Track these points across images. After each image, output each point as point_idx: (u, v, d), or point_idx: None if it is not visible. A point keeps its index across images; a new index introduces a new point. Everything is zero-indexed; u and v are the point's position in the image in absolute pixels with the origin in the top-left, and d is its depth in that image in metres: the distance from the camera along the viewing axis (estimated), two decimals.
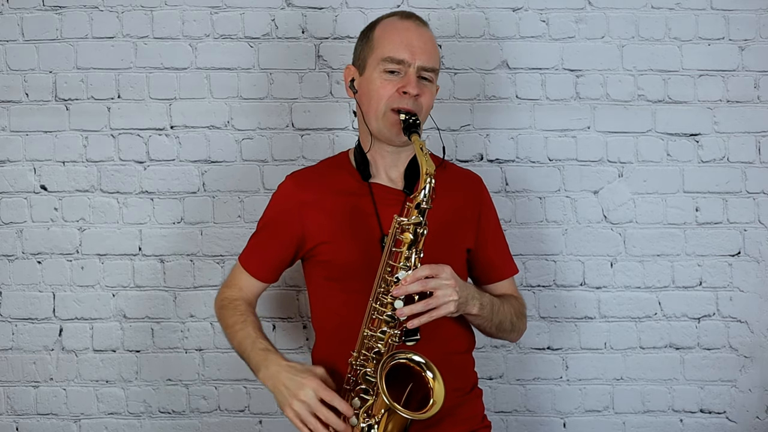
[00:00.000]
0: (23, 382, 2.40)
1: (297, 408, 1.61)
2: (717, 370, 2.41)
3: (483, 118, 2.41)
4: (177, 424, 2.40)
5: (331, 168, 1.95)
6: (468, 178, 2.00)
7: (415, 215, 1.64)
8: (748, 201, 2.41)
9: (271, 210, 1.94)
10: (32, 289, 2.39)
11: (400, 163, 1.88)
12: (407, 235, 1.64)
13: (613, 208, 2.41)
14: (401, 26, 1.82)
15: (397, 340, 1.65)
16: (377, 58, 1.80)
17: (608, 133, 2.41)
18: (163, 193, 2.39)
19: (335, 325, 1.84)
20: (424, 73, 1.80)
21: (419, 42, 1.79)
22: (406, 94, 1.77)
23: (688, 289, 2.41)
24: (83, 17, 2.38)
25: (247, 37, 2.39)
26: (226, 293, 1.96)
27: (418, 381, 1.65)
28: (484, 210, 1.97)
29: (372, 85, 1.80)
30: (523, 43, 2.41)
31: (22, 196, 2.39)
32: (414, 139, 1.70)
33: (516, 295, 2.00)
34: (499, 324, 1.86)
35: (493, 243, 1.98)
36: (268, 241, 1.93)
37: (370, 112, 1.82)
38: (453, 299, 1.64)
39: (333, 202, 1.86)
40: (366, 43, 1.85)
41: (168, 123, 2.40)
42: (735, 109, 2.41)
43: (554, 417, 2.42)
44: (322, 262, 1.86)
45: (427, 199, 1.64)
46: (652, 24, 2.40)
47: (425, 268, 1.64)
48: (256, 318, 1.90)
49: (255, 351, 1.75)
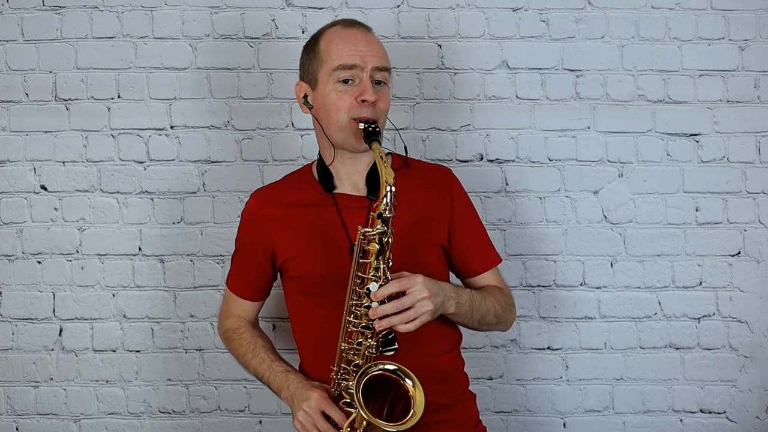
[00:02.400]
0: (23, 382, 2.40)
1: (301, 418, 1.69)
2: (717, 370, 2.41)
3: (483, 118, 2.41)
4: (177, 424, 2.40)
5: (293, 182, 1.95)
6: (436, 172, 1.96)
7: (379, 224, 1.63)
8: (748, 201, 2.41)
9: (242, 230, 1.95)
10: (32, 289, 2.39)
11: (362, 169, 1.87)
12: (373, 245, 1.63)
13: (613, 208, 2.41)
14: (346, 34, 1.81)
15: (374, 351, 1.65)
16: (328, 70, 1.78)
17: (608, 133, 2.41)
18: (163, 193, 2.39)
19: (315, 339, 1.84)
20: (377, 74, 1.79)
21: (367, 46, 1.79)
22: (364, 102, 1.76)
23: (688, 289, 2.41)
24: (83, 17, 2.38)
25: (247, 37, 2.39)
26: (227, 324, 2.00)
27: (399, 389, 1.64)
28: (456, 202, 1.91)
29: (328, 99, 1.79)
30: (523, 43, 2.41)
31: (22, 196, 2.39)
32: (374, 147, 1.68)
33: (501, 286, 1.95)
34: (481, 319, 1.83)
35: (469, 235, 1.93)
36: (246, 262, 1.94)
37: (330, 125, 1.80)
38: (428, 309, 1.64)
39: (298, 216, 1.86)
40: (313, 58, 1.83)
41: (168, 123, 2.40)
42: (735, 109, 2.41)
43: (554, 417, 2.42)
44: (295, 278, 1.86)
45: (389, 207, 1.62)
46: (652, 24, 2.40)
47: (395, 284, 1.63)
48: (265, 340, 1.94)
49: (274, 374, 1.83)
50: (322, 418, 1.66)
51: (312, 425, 1.67)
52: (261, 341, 1.92)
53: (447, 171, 1.97)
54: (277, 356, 1.88)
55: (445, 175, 1.95)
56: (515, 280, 2.39)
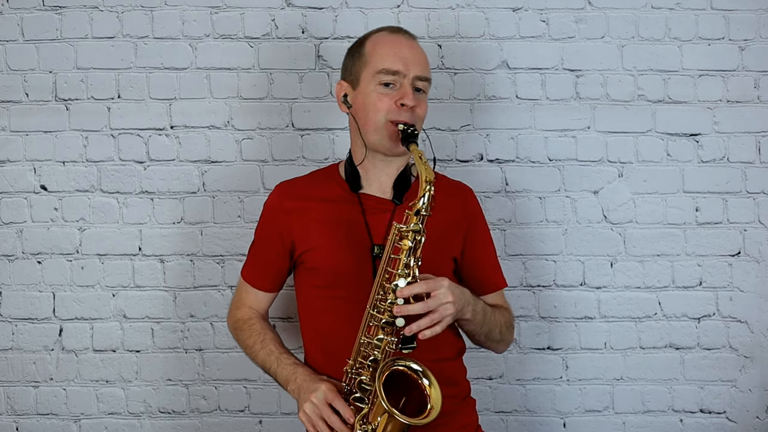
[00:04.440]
0: (23, 382, 2.40)
1: (308, 409, 1.69)
2: (717, 370, 2.41)
3: (483, 118, 2.41)
4: (177, 424, 2.40)
5: (319, 178, 1.98)
6: (459, 190, 2.00)
7: (414, 222, 1.65)
8: (748, 201, 2.41)
9: (262, 221, 1.98)
10: (32, 289, 2.39)
11: (391, 173, 1.89)
12: (406, 242, 1.65)
13: (613, 208, 2.41)
14: (392, 40, 1.85)
15: (394, 347, 1.66)
16: (371, 72, 1.82)
17: (608, 133, 2.41)
18: (163, 193, 2.39)
19: (322, 333, 1.85)
20: (418, 83, 1.82)
21: (411, 54, 1.83)
22: (403, 106, 1.79)
23: (688, 289, 2.41)
24: (83, 17, 2.38)
25: (247, 37, 2.39)
26: (237, 314, 2.01)
27: (412, 389, 1.65)
28: (475, 223, 1.96)
29: (368, 99, 1.82)
30: (523, 43, 2.41)
31: (22, 196, 2.39)
32: (413, 148, 1.72)
33: (506, 307, 2.00)
34: (489, 332, 1.86)
35: (482, 257, 1.97)
36: (264, 253, 1.97)
37: (368, 125, 1.83)
38: (450, 313, 1.66)
39: (319, 209, 1.88)
40: (358, 59, 1.87)
41: (168, 123, 2.40)
42: (735, 109, 2.41)
43: (554, 417, 2.42)
44: (310, 269, 1.87)
45: (426, 206, 1.65)
46: (652, 24, 2.40)
47: (422, 284, 1.65)
48: (274, 333, 1.96)
49: (282, 366, 1.83)
50: (329, 409, 1.67)
51: (318, 416, 1.67)
52: (270, 334, 1.94)
53: (469, 190, 2.02)
54: (285, 350, 1.89)
55: (467, 193, 2.00)
56: (515, 280, 2.39)
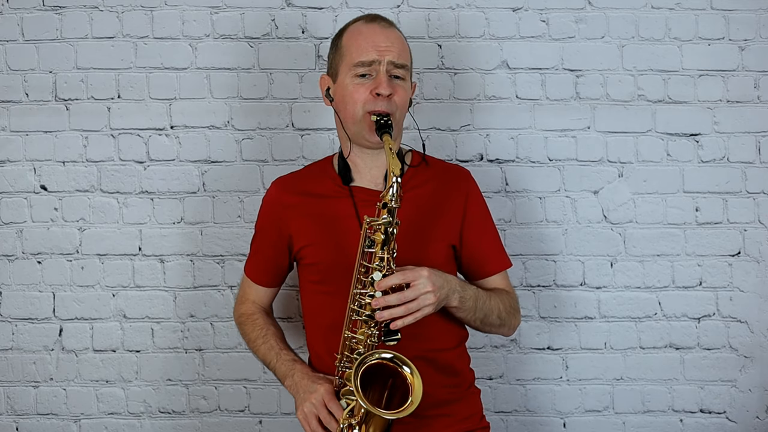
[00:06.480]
0: (23, 382, 2.40)
1: (306, 409, 1.73)
2: (717, 370, 2.41)
3: (483, 118, 2.41)
4: (177, 424, 2.40)
5: (314, 173, 1.99)
6: (454, 172, 1.99)
7: (385, 214, 1.65)
8: (748, 201, 2.41)
9: (261, 217, 2.00)
10: (32, 289, 2.39)
11: (381, 164, 1.89)
12: (378, 235, 1.66)
13: (613, 208, 2.41)
14: (367, 30, 1.84)
15: (377, 340, 1.67)
16: (348, 65, 1.83)
17: (608, 133, 2.41)
18: (163, 193, 2.39)
19: (324, 327, 1.86)
20: (394, 70, 1.82)
21: (386, 41, 1.82)
22: (379, 96, 1.79)
23: (688, 289, 2.41)
24: (83, 17, 2.38)
25: (247, 37, 2.39)
26: (241, 309, 2.05)
27: (398, 377, 1.66)
28: (470, 203, 1.94)
29: (345, 91, 1.83)
30: (523, 43, 2.41)
31: (22, 196, 2.39)
32: (385, 139, 1.71)
33: (508, 290, 1.97)
34: (484, 318, 1.84)
35: (480, 237, 1.94)
36: (263, 247, 1.99)
37: (347, 118, 1.84)
38: (430, 303, 1.66)
39: (314, 206, 1.90)
40: (336, 52, 1.88)
41: (168, 123, 2.40)
42: (735, 109, 2.41)
43: (554, 417, 2.42)
44: (308, 265, 1.90)
45: (394, 198, 1.65)
46: (652, 24, 2.40)
47: (399, 275, 1.65)
48: (277, 328, 2.00)
49: (281, 362, 1.88)
50: (326, 411, 1.71)
51: (314, 416, 1.72)
52: (273, 329, 1.98)
53: (465, 172, 2.00)
54: (286, 345, 1.93)
55: (463, 174, 1.99)
56: (515, 280, 2.39)
